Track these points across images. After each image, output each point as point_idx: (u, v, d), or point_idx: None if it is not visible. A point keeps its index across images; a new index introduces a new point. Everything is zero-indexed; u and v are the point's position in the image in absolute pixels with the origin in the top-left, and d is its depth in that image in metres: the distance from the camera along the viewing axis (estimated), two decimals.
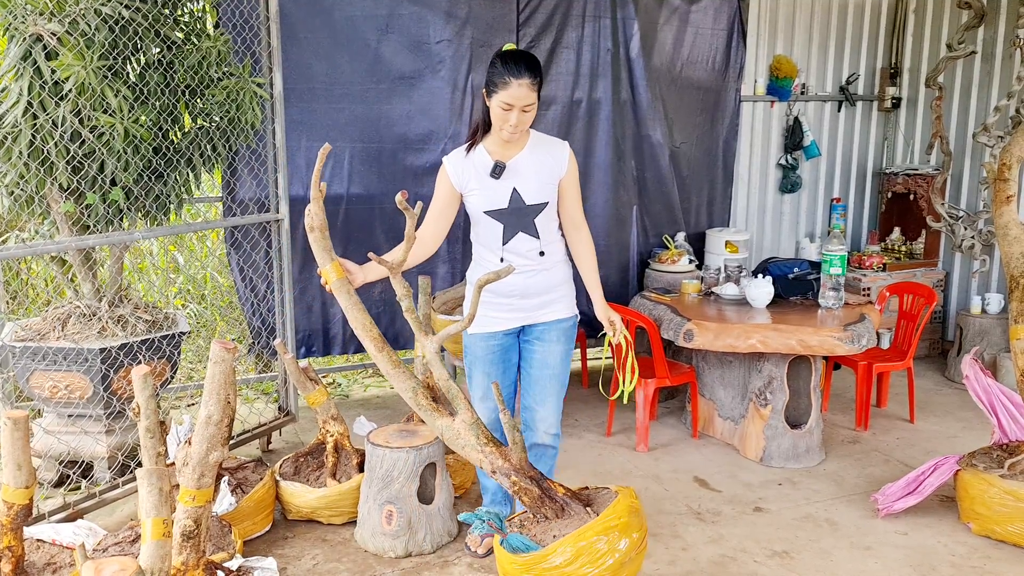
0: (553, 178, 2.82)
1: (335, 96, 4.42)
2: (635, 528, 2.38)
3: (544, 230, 2.83)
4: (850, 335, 3.57)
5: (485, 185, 2.78)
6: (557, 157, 2.82)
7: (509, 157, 2.78)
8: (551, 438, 3.01)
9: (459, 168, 2.82)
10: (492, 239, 2.84)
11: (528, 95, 2.63)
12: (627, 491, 2.48)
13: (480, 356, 2.95)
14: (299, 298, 4.57)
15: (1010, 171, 3.37)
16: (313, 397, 3.35)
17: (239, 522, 3.06)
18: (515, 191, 2.77)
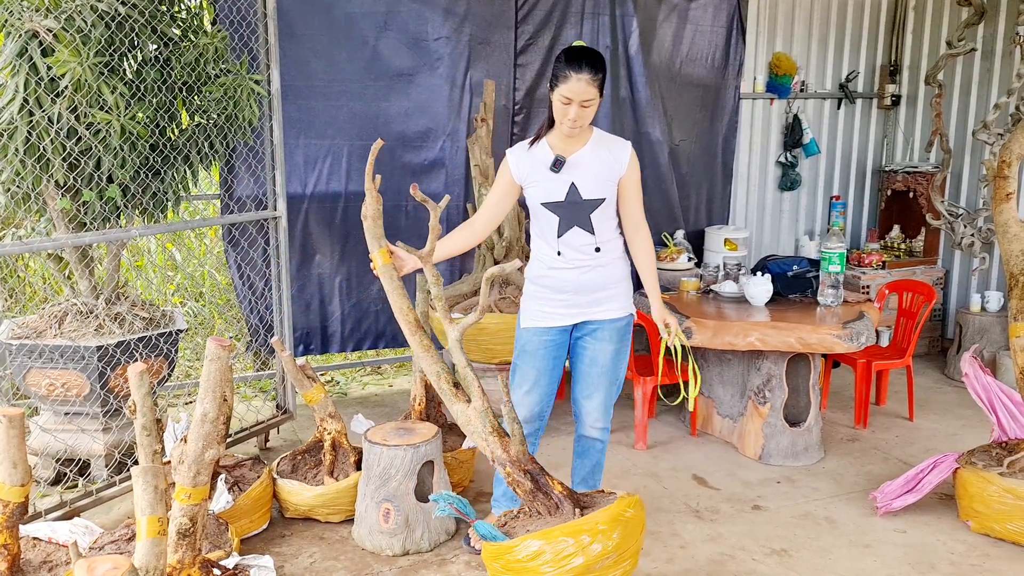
0: (612, 176, 2.83)
1: (333, 93, 4.41)
2: (614, 536, 2.34)
3: (600, 227, 2.84)
4: (849, 333, 3.57)
5: (544, 178, 2.81)
6: (618, 156, 2.84)
7: (570, 152, 2.80)
8: (598, 431, 3.02)
9: (520, 161, 2.85)
10: (548, 231, 2.87)
11: (587, 90, 2.65)
12: (625, 501, 2.43)
13: (531, 350, 2.96)
14: (297, 296, 4.57)
15: (1010, 168, 3.36)
16: (310, 395, 3.34)
17: (236, 520, 3.05)
18: (573, 185, 2.79)
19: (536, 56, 4.74)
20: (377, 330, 4.80)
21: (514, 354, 3.04)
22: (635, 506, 2.46)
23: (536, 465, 2.49)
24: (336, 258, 4.61)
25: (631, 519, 2.41)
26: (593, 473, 3.12)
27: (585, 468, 3.11)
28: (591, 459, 3.09)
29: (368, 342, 4.80)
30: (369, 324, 4.77)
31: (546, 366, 2.95)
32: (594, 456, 3.09)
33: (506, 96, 4.72)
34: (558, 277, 2.86)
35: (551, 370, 2.97)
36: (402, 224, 4.68)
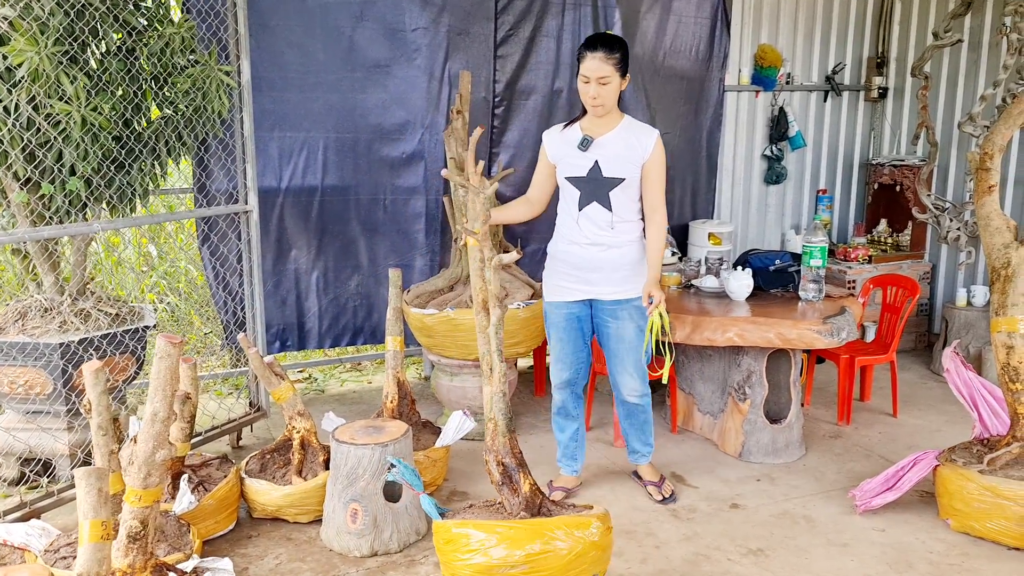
0: (635, 159, 3.07)
1: (308, 85, 4.33)
2: (545, 545, 2.32)
3: (618, 205, 3.09)
4: (830, 328, 3.50)
5: (572, 155, 3.11)
6: (643, 142, 3.08)
7: (599, 135, 3.09)
8: (637, 397, 3.28)
9: (554, 141, 3.19)
10: (570, 204, 3.14)
11: (600, 67, 2.94)
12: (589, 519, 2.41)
13: (554, 322, 3.25)
14: (273, 291, 4.49)
15: (992, 160, 3.30)
16: (279, 393, 3.27)
17: (200, 521, 2.98)
18: (596, 163, 3.06)
19: (516, 47, 4.66)
20: (355, 326, 4.72)
21: (545, 327, 3.34)
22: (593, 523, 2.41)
23: (515, 459, 2.52)
24: (313, 253, 4.54)
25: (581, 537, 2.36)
26: (643, 428, 3.39)
27: (635, 425, 3.38)
28: (638, 418, 3.36)
29: (346, 338, 4.73)
30: (347, 320, 4.70)
31: (569, 336, 3.23)
32: (641, 415, 3.35)
33: (486, 88, 4.64)
34: (576, 254, 3.14)
35: (574, 340, 3.24)
36: (380, 218, 4.60)
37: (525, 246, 4.91)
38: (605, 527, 2.46)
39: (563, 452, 3.43)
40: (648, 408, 3.35)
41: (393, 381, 3.51)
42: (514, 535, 2.32)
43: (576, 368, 3.28)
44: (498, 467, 2.51)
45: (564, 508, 2.53)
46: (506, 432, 2.55)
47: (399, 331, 3.56)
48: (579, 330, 3.24)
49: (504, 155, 4.76)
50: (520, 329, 3.82)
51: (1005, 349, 3.15)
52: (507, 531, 2.33)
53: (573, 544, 2.33)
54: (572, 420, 3.38)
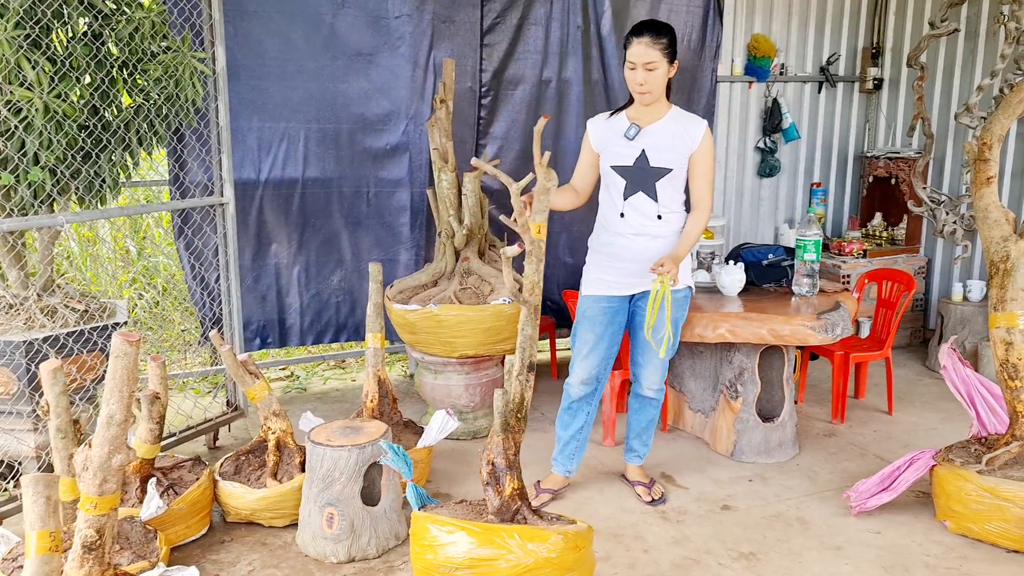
0: (683, 149, 3.00)
1: (288, 73, 4.20)
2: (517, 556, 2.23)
3: (664, 197, 3.02)
4: (823, 324, 3.40)
5: (618, 143, 3.03)
6: (692, 132, 3.01)
7: (646, 123, 3.01)
8: (654, 392, 3.24)
9: (599, 130, 3.10)
10: (615, 194, 3.06)
11: (646, 52, 2.86)
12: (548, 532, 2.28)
13: (590, 316, 3.12)
14: (253, 287, 4.37)
15: (991, 151, 3.20)
16: (253, 392, 3.15)
17: (170, 526, 2.87)
18: (643, 152, 2.99)
19: (504, 36, 4.53)
20: (338, 322, 4.60)
21: (575, 319, 3.21)
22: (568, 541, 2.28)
23: (506, 460, 2.42)
24: (294, 247, 4.41)
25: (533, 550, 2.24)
26: (647, 428, 3.34)
27: (641, 423, 3.32)
28: (647, 415, 3.30)
29: (329, 335, 4.61)
30: (330, 316, 4.58)
31: (604, 332, 3.12)
32: (651, 412, 3.30)
33: (472, 77, 4.52)
34: (619, 245, 3.06)
35: (609, 336, 3.13)
36: (363, 211, 4.48)
37: (514, 240, 4.79)
38: (570, 545, 2.28)
39: (561, 450, 3.30)
40: (660, 405, 3.30)
41: (373, 379, 3.39)
42: (463, 536, 2.25)
43: (606, 364, 3.18)
44: (487, 466, 2.43)
45: (542, 517, 2.40)
46: (500, 431, 2.44)
47: (380, 328, 3.44)
48: (615, 325, 3.14)
49: (491, 146, 4.64)
50: (506, 325, 3.70)
51: (1004, 345, 3.05)
52: (457, 531, 2.26)
53: (522, 556, 2.21)
54: (581, 416, 3.25)
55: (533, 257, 2.47)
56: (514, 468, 2.44)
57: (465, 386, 3.82)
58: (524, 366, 2.46)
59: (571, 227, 4.86)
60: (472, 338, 3.67)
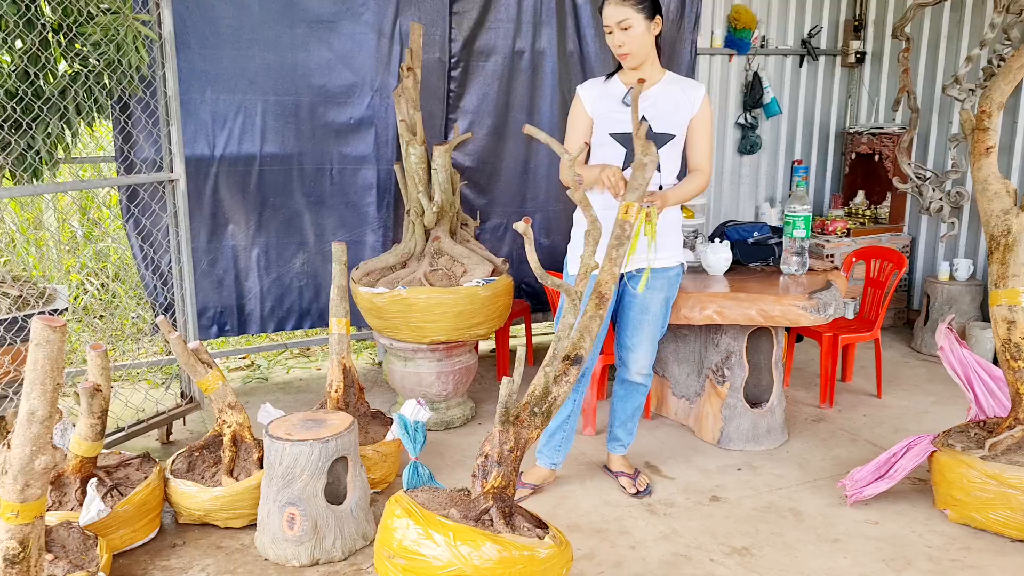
0: (684, 114, 2.83)
1: (243, 42, 3.92)
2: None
3: (666, 165, 2.84)
4: (815, 303, 3.22)
5: (615, 110, 2.82)
6: (691, 96, 2.84)
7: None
8: (643, 378, 3.05)
9: (593, 95, 2.87)
10: (613, 164, 2.79)
11: (617, 11, 2.68)
12: (483, 536, 2.03)
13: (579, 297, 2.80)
14: (208, 271, 4.10)
15: (990, 119, 3.03)
16: (206, 383, 2.89)
17: (115, 530, 2.62)
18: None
19: (474, 3, 4.27)
20: (301, 308, 4.35)
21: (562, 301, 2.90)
22: (471, 543, 2.04)
23: (499, 456, 2.18)
24: (252, 228, 4.14)
25: (463, 555, 2.01)
26: (633, 416, 3.15)
27: (627, 411, 3.13)
28: (634, 402, 3.11)
29: (291, 322, 4.35)
30: (292, 302, 4.32)
31: None
32: (637, 399, 3.11)
33: (441, 48, 4.26)
34: (609, 219, 2.75)
35: None
36: (326, 189, 4.22)
37: (485, 220, 4.57)
38: (507, 562, 2.00)
39: (547, 442, 3.07)
40: (647, 391, 3.11)
41: (338, 368, 3.15)
42: (408, 523, 2.09)
43: (596, 349, 2.99)
44: (480, 456, 2.22)
45: (509, 522, 2.13)
46: (498, 422, 2.20)
47: (344, 312, 3.20)
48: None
49: (462, 121, 4.39)
50: (480, 309, 3.48)
51: (1006, 324, 2.89)
52: (404, 517, 2.11)
53: (452, 559, 1.99)
54: (568, 405, 3.02)
55: (615, 241, 2.28)
56: (505, 465, 2.19)
57: (437, 374, 3.60)
58: (556, 356, 2.24)
59: (546, 206, 4.64)
60: (444, 323, 3.44)
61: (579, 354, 2.27)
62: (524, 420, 2.21)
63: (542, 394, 2.25)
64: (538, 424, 2.23)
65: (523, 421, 2.21)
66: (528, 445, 2.24)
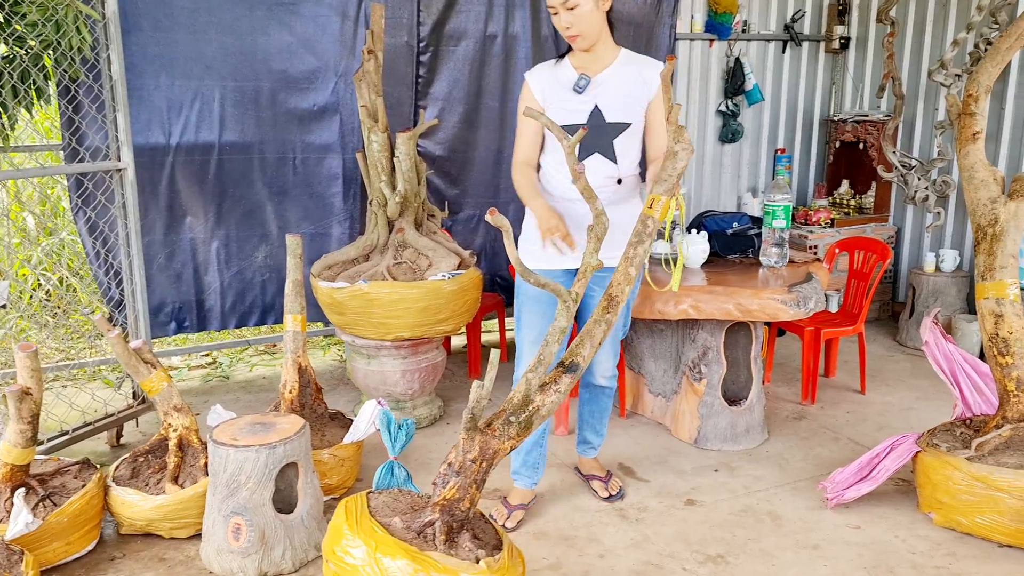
0: (640, 99, 2.59)
1: (200, 24, 3.72)
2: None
3: (623, 155, 2.62)
4: (795, 297, 3.08)
5: (566, 99, 2.59)
6: (648, 77, 2.58)
7: (595, 72, 2.58)
8: (607, 380, 2.86)
9: (542, 81, 2.63)
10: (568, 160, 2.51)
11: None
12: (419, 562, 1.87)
13: (534, 296, 2.67)
14: (166, 265, 3.92)
15: (977, 103, 2.88)
16: (150, 384, 2.72)
17: (47, 543, 2.45)
18: (596, 107, 2.56)
19: None
20: (264, 303, 4.17)
21: (516, 300, 2.75)
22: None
23: (459, 465, 1.97)
24: (211, 220, 3.96)
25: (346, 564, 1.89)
26: (601, 418, 2.97)
27: (594, 414, 2.96)
28: (600, 404, 2.94)
29: (254, 317, 4.17)
30: (254, 297, 4.14)
31: (552, 312, 2.63)
32: (604, 401, 2.93)
33: (409, 32, 4.08)
34: (570, 212, 2.59)
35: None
36: (289, 180, 4.04)
37: (457, 211, 4.40)
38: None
39: (523, 460, 2.81)
40: (613, 392, 2.93)
41: (293, 367, 2.99)
42: (344, 528, 1.95)
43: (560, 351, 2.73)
44: (444, 463, 2.00)
45: (452, 541, 1.94)
46: (463, 429, 1.97)
47: (300, 308, 3.03)
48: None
49: (432, 108, 4.22)
50: (446, 304, 3.32)
51: (993, 318, 2.76)
52: (340, 519, 1.98)
53: (365, 573, 1.85)
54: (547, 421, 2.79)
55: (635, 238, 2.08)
56: (464, 476, 1.95)
57: (402, 372, 3.43)
58: (542, 361, 2.01)
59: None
60: (408, 318, 3.28)
61: (575, 362, 2.04)
62: (496, 429, 1.98)
63: (521, 402, 2.01)
64: (513, 435, 1.98)
65: (495, 430, 1.98)
66: (497, 458, 1.99)
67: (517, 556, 1.99)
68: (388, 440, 2.37)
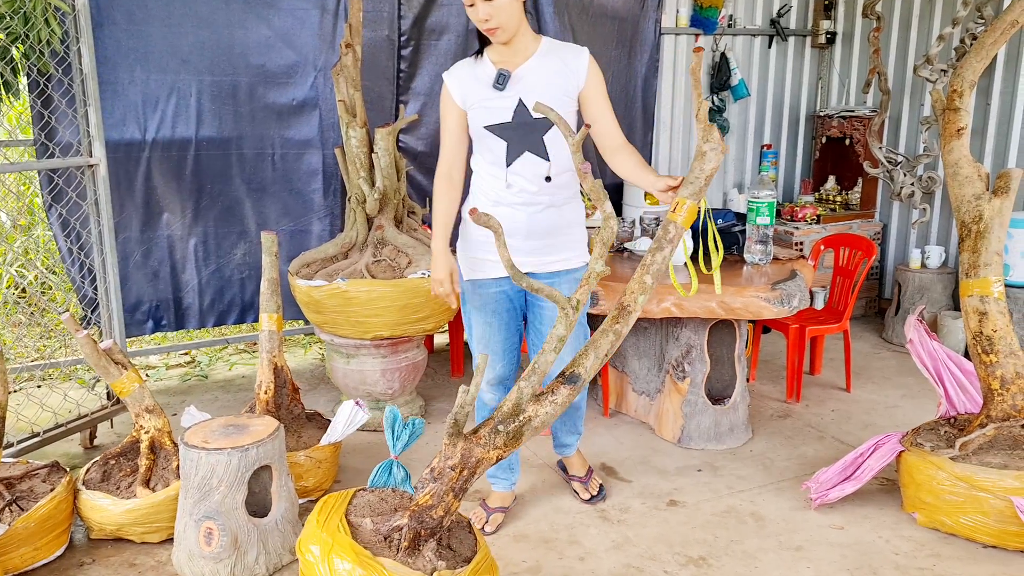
0: (568, 90, 2.43)
1: (175, 17, 3.66)
2: None
3: (556, 152, 2.44)
4: (779, 295, 3.04)
5: (487, 97, 2.42)
6: (572, 65, 2.42)
7: (516, 65, 2.41)
8: None
9: (460, 81, 2.46)
10: (495, 159, 2.46)
11: None
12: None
13: (481, 305, 2.58)
14: (142, 263, 3.85)
15: (961, 99, 2.85)
16: (120, 385, 2.66)
17: (13, 549, 2.39)
18: (520, 103, 2.40)
19: None
20: (244, 301, 4.11)
21: (463, 313, 2.67)
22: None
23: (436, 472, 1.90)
24: (189, 217, 3.89)
25: None
26: (574, 418, 2.85)
27: (566, 419, 2.84)
28: (569, 422, 2.85)
29: (233, 316, 4.11)
30: (234, 295, 4.08)
31: (500, 321, 2.59)
32: (572, 419, 2.84)
33: (390, 25, 4.02)
34: (506, 217, 2.43)
35: (508, 325, 2.60)
36: (268, 176, 3.98)
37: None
38: None
39: (498, 464, 2.64)
40: (584, 395, 2.83)
41: (268, 367, 2.93)
42: (313, 525, 1.94)
43: (512, 359, 2.65)
44: (428, 468, 1.92)
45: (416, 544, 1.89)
46: (446, 434, 1.88)
47: (276, 307, 2.97)
48: (512, 311, 2.59)
49: (413, 104, 4.17)
50: (426, 302, 3.26)
51: (977, 315, 2.73)
52: (313, 514, 1.97)
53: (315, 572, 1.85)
54: None
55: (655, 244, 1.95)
56: (441, 483, 1.87)
57: (382, 371, 3.38)
58: (536, 370, 1.88)
59: None
60: (387, 317, 3.22)
61: (576, 372, 1.91)
62: (482, 437, 1.88)
63: (511, 411, 1.90)
64: (499, 445, 1.88)
65: (480, 438, 1.88)
66: (480, 467, 1.90)
67: (486, 571, 1.93)
68: (390, 438, 2.28)
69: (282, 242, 4.01)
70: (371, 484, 2.28)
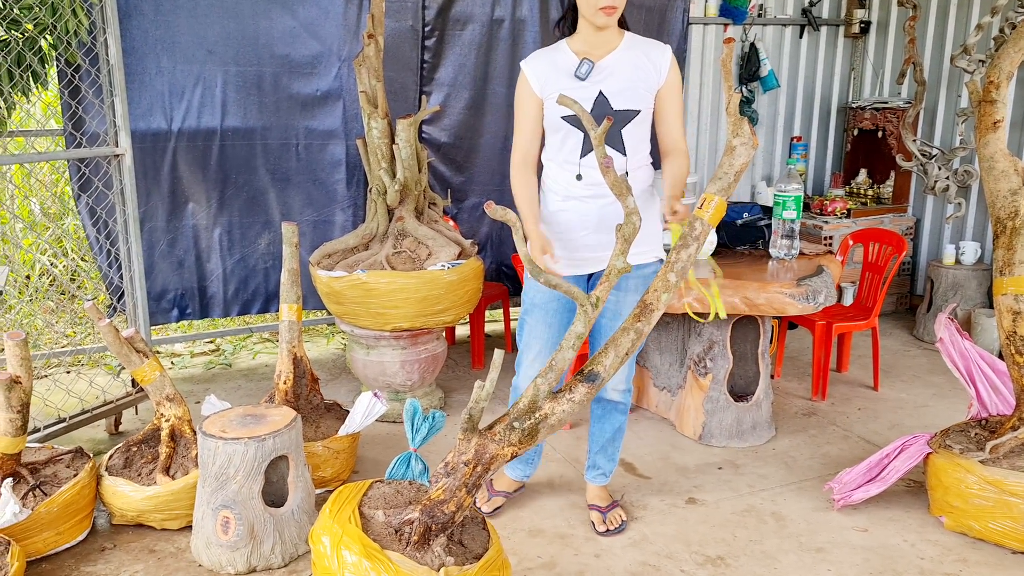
0: (649, 85, 2.40)
1: (201, 8, 3.67)
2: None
3: (632, 146, 2.41)
4: (804, 291, 2.98)
5: (567, 87, 2.37)
6: (656, 61, 2.40)
7: (599, 57, 2.38)
8: (620, 394, 2.63)
9: (540, 70, 2.42)
10: (569, 151, 2.42)
11: None
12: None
13: (540, 304, 2.53)
14: (168, 252, 3.89)
15: (998, 90, 2.76)
16: (142, 373, 2.69)
17: (36, 533, 2.43)
18: (601, 94, 2.36)
19: None
20: (268, 291, 4.13)
21: (522, 309, 2.61)
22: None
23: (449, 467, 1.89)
24: (214, 207, 3.92)
25: None
26: (614, 439, 2.72)
27: (605, 434, 2.70)
28: (612, 423, 2.69)
29: (257, 305, 4.13)
30: (258, 284, 4.10)
31: (557, 322, 2.53)
32: (616, 420, 2.69)
33: (414, 15, 4.00)
34: (576, 211, 2.43)
35: (565, 327, 2.52)
36: (292, 166, 3.99)
37: (463, 200, 4.33)
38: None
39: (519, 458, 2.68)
40: (627, 410, 2.69)
41: (288, 357, 2.94)
42: (326, 515, 1.94)
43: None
44: (442, 463, 1.91)
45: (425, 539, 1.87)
46: (461, 429, 1.87)
47: (296, 298, 2.98)
48: (571, 312, 2.54)
49: (438, 94, 4.14)
50: (445, 294, 3.25)
51: (1011, 315, 2.65)
52: (327, 508, 1.97)
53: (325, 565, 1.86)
54: None
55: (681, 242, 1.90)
56: (454, 478, 1.85)
57: (401, 363, 3.38)
58: (554, 367, 1.86)
59: None
60: (406, 308, 3.22)
61: (595, 371, 1.87)
62: (497, 433, 1.86)
63: (527, 408, 1.88)
64: (514, 442, 1.86)
65: (495, 434, 1.86)
66: (495, 463, 1.88)
67: (497, 569, 1.91)
68: (409, 431, 2.27)
69: (305, 232, 4.02)
70: (389, 476, 2.28)
